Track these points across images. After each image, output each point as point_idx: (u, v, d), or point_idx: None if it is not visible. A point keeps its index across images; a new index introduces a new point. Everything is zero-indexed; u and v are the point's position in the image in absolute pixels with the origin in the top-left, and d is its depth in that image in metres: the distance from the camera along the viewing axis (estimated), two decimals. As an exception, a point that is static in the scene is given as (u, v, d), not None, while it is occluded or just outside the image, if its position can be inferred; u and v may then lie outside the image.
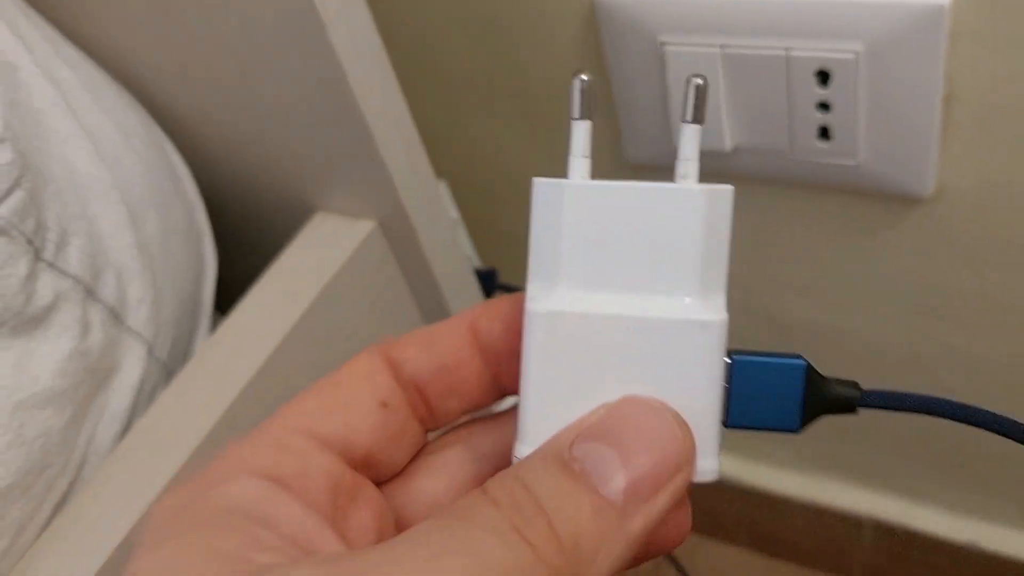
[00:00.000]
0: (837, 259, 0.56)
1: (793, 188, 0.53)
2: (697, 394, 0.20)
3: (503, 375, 0.22)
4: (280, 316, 0.42)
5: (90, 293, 0.35)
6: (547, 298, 0.21)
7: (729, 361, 0.21)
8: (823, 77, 0.46)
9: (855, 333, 0.60)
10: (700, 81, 0.22)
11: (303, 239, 0.45)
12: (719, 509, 0.78)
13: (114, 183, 0.37)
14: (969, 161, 0.48)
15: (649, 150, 0.54)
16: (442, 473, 0.22)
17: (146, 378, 0.39)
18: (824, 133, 0.48)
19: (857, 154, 0.48)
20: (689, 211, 0.21)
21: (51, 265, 0.33)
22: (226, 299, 0.44)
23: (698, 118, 0.22)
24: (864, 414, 0.23)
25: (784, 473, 0.74)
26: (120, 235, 0.37)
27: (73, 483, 0.36)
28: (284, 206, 0.47)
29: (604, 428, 0.18)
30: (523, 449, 0.20)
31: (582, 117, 0.23)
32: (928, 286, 0.54)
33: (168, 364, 0.40)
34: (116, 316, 0.37)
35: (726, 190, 0.22)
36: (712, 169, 0.53)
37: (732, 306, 0.22)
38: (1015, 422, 0.22)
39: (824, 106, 0.47)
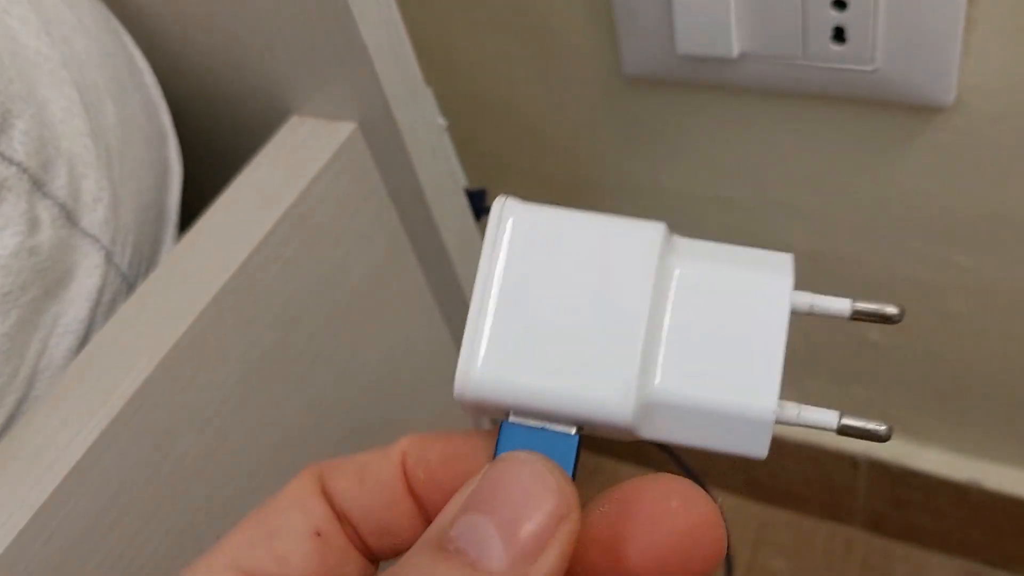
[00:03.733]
0: (847, 180, 0.53)
1: (803, 99, 0.50)
2: None
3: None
4: (251, 225, 0.38)
5: (38, 185, 0.31)
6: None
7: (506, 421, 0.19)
8: (840, -28, 0.43)
9: (863, 262, 0.57)
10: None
11: (277, 143, 0.41)
12: (710, 455, 0.75)
13: (64, 63, 0.33)
14: (994, 66, 0.45)
15: (648, 60, 0.51)
16: None
17: (104, 288, 0.35)
18: (839, 35, 0.45)
19: (875, 58, 0.45)
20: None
21: (-9, 150, 0.29)
22: (194, 211, 0.40)
23: None
24: (864, 354, 0.20)
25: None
26: (72, 122, 0.33)
27: (22, 400, 0.33)
28: (257, 108, 0.43)
29: (480, 496, 0.17)
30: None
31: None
32: (943, 207, 0.52)
33: (129, 275, 0.36)
34: (68, 214, 0.33)
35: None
36: (717, 79, 0.50)
37: (733, 232, 0.19)
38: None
39: (840, 3, 0.44)
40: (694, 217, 0.59)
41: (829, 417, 0.19)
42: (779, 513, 0.79)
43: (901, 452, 0.68)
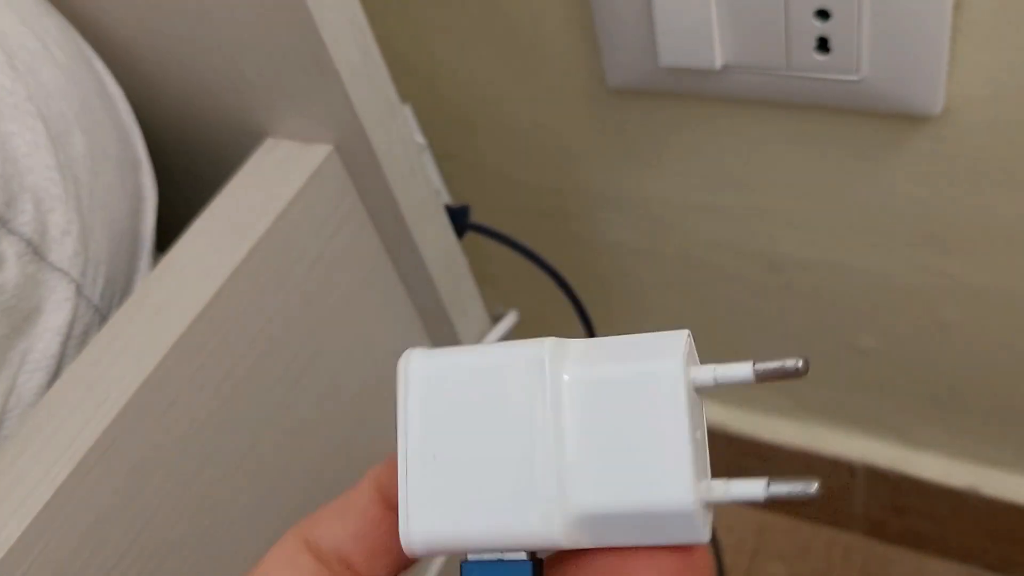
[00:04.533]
0: (835, 188, 0.52)
1: (788, 109, 0.49)
2: None
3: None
4: (226, 251, 0.37)
5: (1, 222, 0.31)
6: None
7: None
8: (823, -19, 0.42)
9: (853, 270, 0.56)
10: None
11: (252, 166, 0.40)
12: (707, 460, 0.75)
13: (29, 96, 0.33)
14: (981, 74, 0.44)
15: (631, 72, 0.50)
16: None
17: (75, 321, 0.34)
18: (823, 45, 0.44)
19: (860, 68, 0.44)
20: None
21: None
22: (169, 236, 0.40)
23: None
24: (858, 361, 0.20)
25: (774, 419, 0.71)
26: (38, 155, 0.32)
27: (-8, 438, 0.32)
28: (231, 132, 0.43)
29: None
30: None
31: None
32: (932, 216, 0.51)
33: (101, 306, 0.36)
34: (35, 249, 0.32)
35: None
36: (701, 90, 0.49)
37: (724, 245, 0.18)
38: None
39: (823, 13, 0.43)
40: (682, 227, 0.58)
41: (756, 488, 0.19)
42: (777, 519, 0.78)
43: (898, 458, 0.67)
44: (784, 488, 0.18)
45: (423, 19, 0.54)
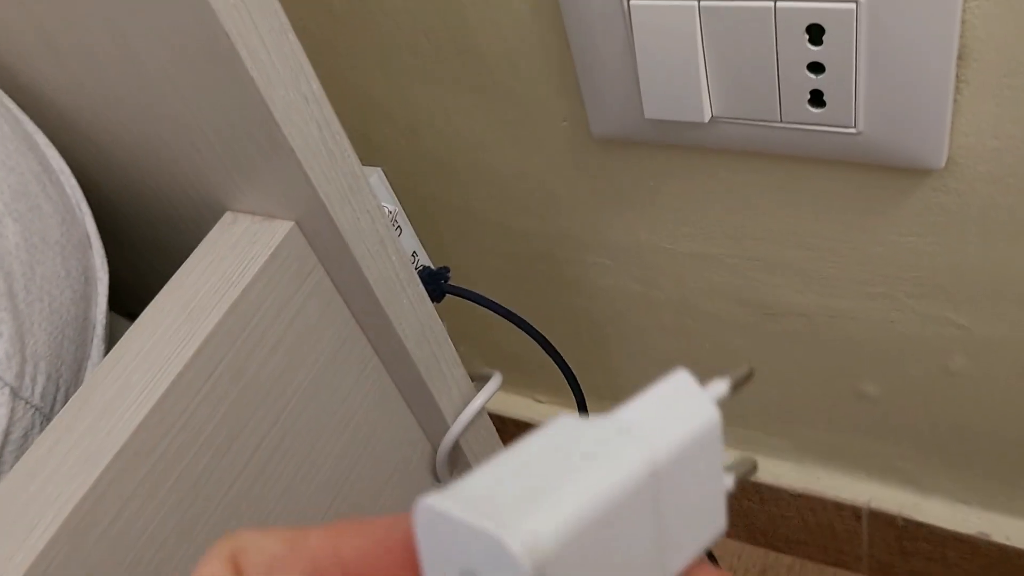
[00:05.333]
0: (835, 240, 0.50)
1: (783, 161, 0.46)
2: None
3: None
4: (179, 341, 0.35)
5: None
6: None
7: None
8: (816, 32, 0.39)
9: (855, 319, 0.54)
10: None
11: (209, 245, 0.38)
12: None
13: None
14: (987, 126, 0.41)
15: (616, 123, 0.47)
16: None
17: (12, 426, 0.32)
18: (817, 98, 0.41)
19: (856, 121, 0.42)
20: None
21: None
22: (142, 305, 0.38)
23: None
24: (861, 407, 0.19)
25: (774, 461, 0.68)
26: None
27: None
28: (192, 205, 0.40)
29: None
30: (434, 498, 0.16)
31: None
32: (938, 267, 0.48)
33: (43, 406, 0.34)
34: (-37, 356, 0.30)
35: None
36: (690, 141, 0.47)
37: (720, 292, 0.16)
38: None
39: (817, 66, 0.40)
40: (676, 275, 0.56)
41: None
42: (782, 558, 0.76)
43: (905, 503, 0.65)
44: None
45: (402, 68, 0.52)
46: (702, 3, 0.40)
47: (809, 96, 0.41)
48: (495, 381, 0.49)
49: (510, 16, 0.46)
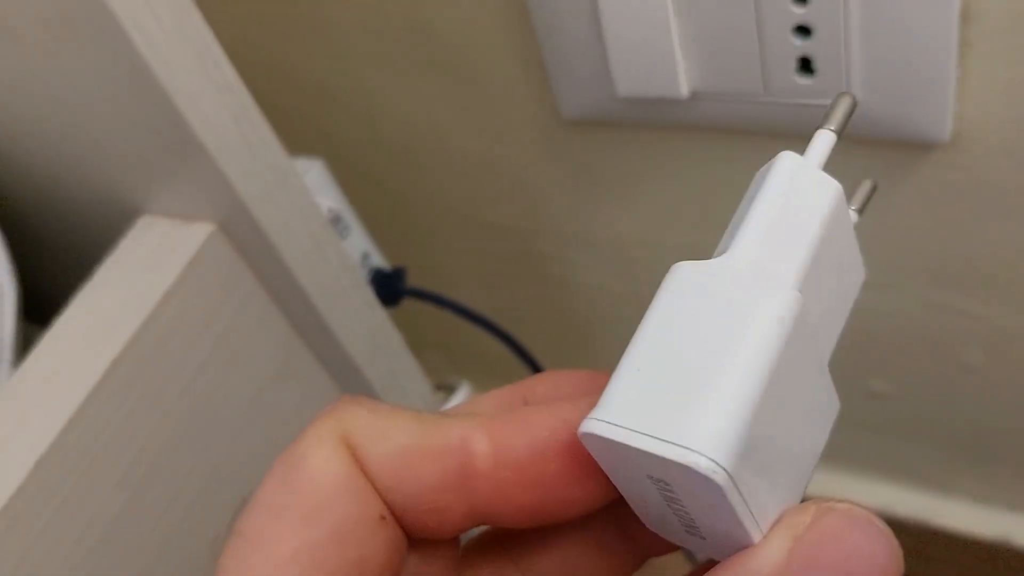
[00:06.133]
0: (831, 224, 0.45)
1: (771, 138, 0.42)
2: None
3: (494, 518, 0.17)
4: (85, 364, 0.31)
5: None
6: None
7: None
8: (801, -8, 0.35)
9: (862, 310, 0.49)
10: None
11: (123, 251, 0.34)
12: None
13: None
14: (995, 93, 0.37)
15: (586, 102, 0.43)
16: None
17: None
18: (805, 65, 0.37)
19: (850, 91, 0.37)
20: None
21: None
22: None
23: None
24: (872, 406, 0.15)
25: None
26: None
27: None
28: (105, 209, 0.36)
29: (824, 553, 0.15)
30: (596, 426, 0.15)
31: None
32: (948, 251, 0.44)
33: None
34: None
35: None
36: (667, 120, 0.42)
37: None
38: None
39: (803, 30, 0.36)
40: (661, 266, 0.51)
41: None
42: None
43: (922, 506, 0.60)
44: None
45: (353, 50, 0.47)
46: (673, -36, 0.36)
47: (797, 64, 0.37)
48: (463, 392, 0.45)
49: (464, -11, 0.42)
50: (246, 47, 0.50)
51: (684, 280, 0.16)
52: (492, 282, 0.58)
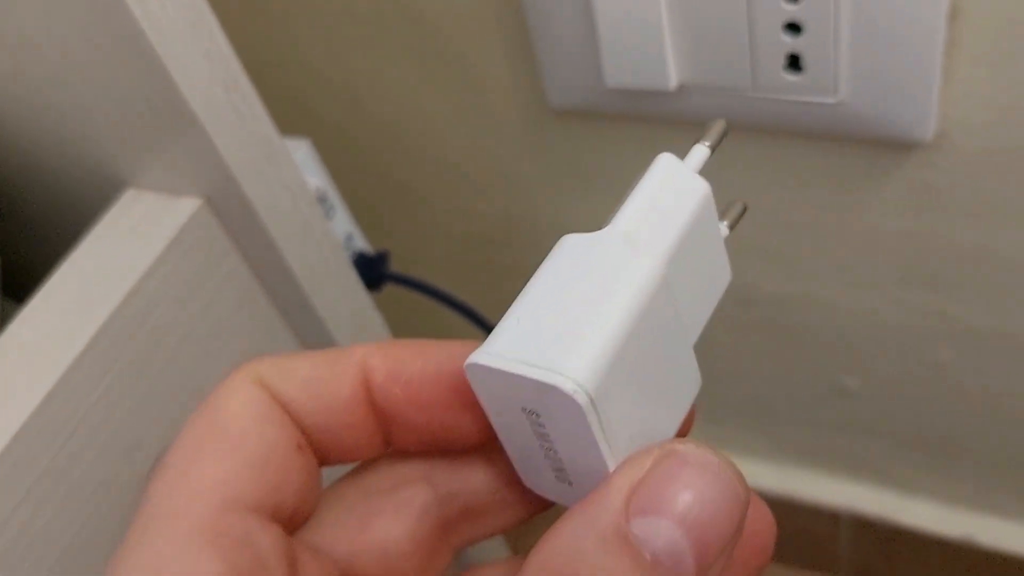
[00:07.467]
0: (813, 221, 0.46)
1: (757, 134, 0.42)
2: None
3: (397, 438, 0.19)
4: (69, 332, 0.30)
5: None
6: None
7: None
8: (793, -12, 0.35)
9: (835, 307, 0.50)
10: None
11: (107, 224, 0.33)
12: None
13: None
14: (979, 95, 0.37)
15: (575, 91, 0.43)
16: (403, 516, 0.19)
17: None
18: (794, 63, 0.37)
19: (837, 89, 0.38)
20: None
21: None
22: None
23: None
24: (841, 403, 0.16)
25: (751, 462, 0.64)
26: None
27: None
28: (87, 180, 0.35)
29: (663, 498, 0.16)
30: (481, 356, 0.17)
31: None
32: (924, 251, 0.44)
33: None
34: None
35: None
36: (655, 112, 0.42)
37: None
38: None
39: (794, 27, 0.36)
40: (642, 260, 0.52)
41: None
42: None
43: (887, 505, 0.61)
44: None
45: (340, 33, 0.47)
46: (666, -44, 0.36)
47: (786, 60, 0.37)
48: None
49: (455, -27, 0.42)
50: (232, 28, 0.49)
51: (568, 247, 0.18)
52: (469, 271, 0.58)
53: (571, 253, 0.18)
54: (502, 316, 0.18)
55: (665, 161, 0.20)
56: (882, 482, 0.61)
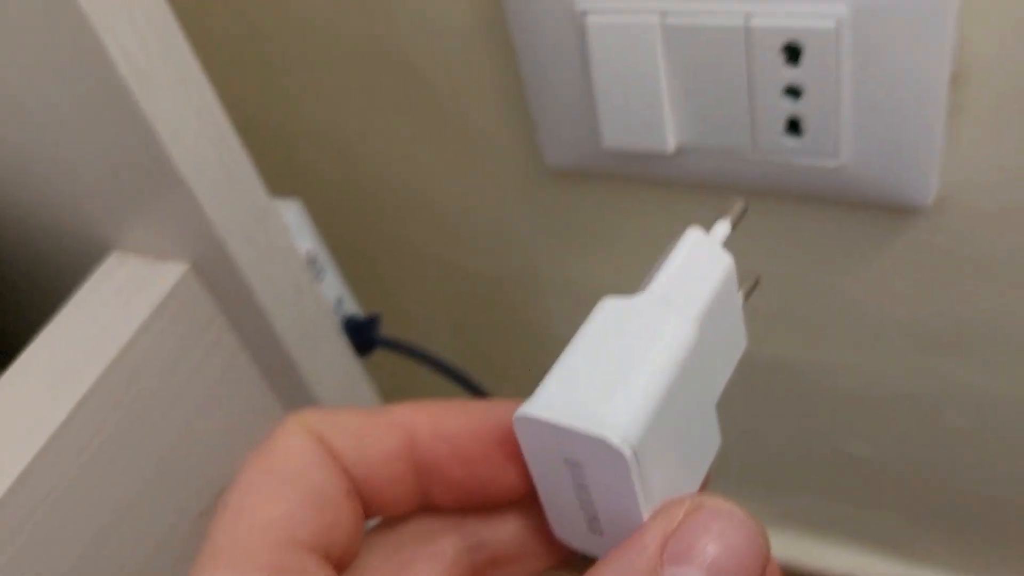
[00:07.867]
0: (815, 284, 0.45)
1: (758, 196, 0.42)
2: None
3: (436, 493, 0.20)
4: (48, 403, 0.29)
5: None
6: None
7: None
8: (792, 53, 0.35)
9: (839, 372, 0.49)
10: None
11: (91, 289, 0.33)
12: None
13: None
14: (982, 160, 0.37)
15: (572, 151, 0.43)
16: (436, 565, 0.21)
17: None
18: (794, 126, 0.37)
19: (838, 153, 0.37)
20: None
21: None
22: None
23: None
24: (849, 469, 0.14)
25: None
26: None
27: None
28: (71, 243, 0.35)
29: (691, 549, 0.17)
30: (531, 408, 0.18)
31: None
32: (930, 315, 0.43)
33: None
34: None
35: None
36: (653, 174, 0.42)
37: None
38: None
39: (794, 91, 0.36)
40: (642, 322, 0.51)
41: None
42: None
43: (894, 574, 0.59)
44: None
45: (333, 87, 0.47)
46: (665, 19, 0.36)
47: (786, 124, 0.37)
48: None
49: (450, 31, 0.41)
50: (221, 84, 0.49)
51: (608, 309, 0.20)
52: (466, 330, 0.58)
53: (611, 315, 0.19)
54: (501, 377, 0.18)
55: (693, 235, 0.22)
56: (890, 551, 0.59)
